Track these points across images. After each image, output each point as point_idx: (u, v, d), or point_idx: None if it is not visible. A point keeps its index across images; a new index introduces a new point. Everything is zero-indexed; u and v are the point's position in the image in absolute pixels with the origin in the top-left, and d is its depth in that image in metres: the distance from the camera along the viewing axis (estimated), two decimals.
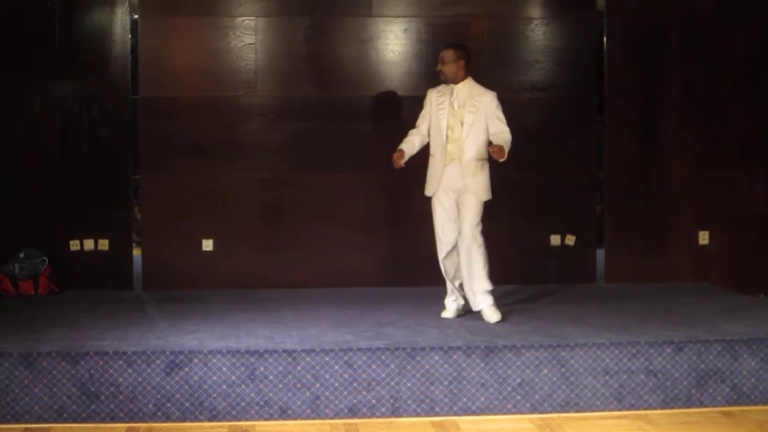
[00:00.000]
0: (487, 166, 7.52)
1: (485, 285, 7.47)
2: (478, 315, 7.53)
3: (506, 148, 7.34)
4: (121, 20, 9.06)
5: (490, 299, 7.49)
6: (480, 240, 7.46)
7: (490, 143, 7.41)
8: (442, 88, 7.61)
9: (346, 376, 6.37)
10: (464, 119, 7.46)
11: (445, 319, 7.56)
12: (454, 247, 7.56)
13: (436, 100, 7.59)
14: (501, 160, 7.35)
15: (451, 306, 7.68)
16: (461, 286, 7.63)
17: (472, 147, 7.46)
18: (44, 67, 8.99)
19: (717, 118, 9.42)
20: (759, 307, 8.05)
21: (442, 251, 7.62)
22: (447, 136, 7.48)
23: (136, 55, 9.15)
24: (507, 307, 7.88)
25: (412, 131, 7.70)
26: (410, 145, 7.66)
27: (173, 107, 9.10)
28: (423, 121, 7.68)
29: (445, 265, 7.65)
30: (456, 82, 7.53)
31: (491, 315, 7.41)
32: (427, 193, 7.64)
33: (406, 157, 7.61)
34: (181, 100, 9.11)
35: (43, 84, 9.00)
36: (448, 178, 7.50)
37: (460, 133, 7.46)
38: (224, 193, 9.14)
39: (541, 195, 9.36)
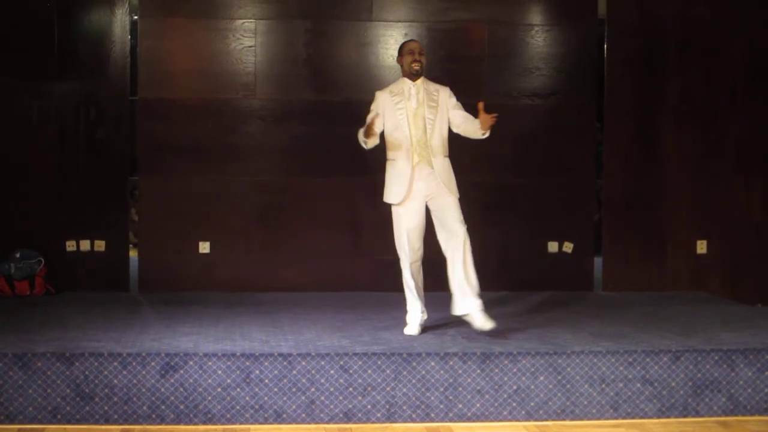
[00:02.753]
0: (449, 162, 7.20)
1: (477, 287, 7.06)
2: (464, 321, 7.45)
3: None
4: (120, 21, 9.05)
5: (480, 303, 7.05)
6: (469, 238, 7.10)
7: (479, 115, 7.03)
8: (394, 88, 7.25)
9: (341, 380, 6.35)
10: (426, 116, 7.12)
11: (409, 335, 7.14)
12: (422, 254, 7.25)
13: (391, 101, 7.16)
14: (485, 132, 7.07)
15: (415, 320, 7.27)
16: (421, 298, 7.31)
17: (438, 144, 7.13)
18: (43, 68, 8.98)
19: (716, 127, 9.43)
20: (756, 317, 8.04)
21: (408, 259, 7.20)
22: (411, 137, 7.10)
23: (135, 56, 9.15)
24: (503, 313, 7.87)
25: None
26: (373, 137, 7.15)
27: (172, 109, 9.09)
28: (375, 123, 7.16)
29: (413, 273, 7.24)
30: (417, 79, 7.21)
31: (485, 322, 6.97)
32: (393, 201, 7.18)
33: (376, 131, 7.08)
34: (179, 102, 9.10)
35: (41, 85, 8.99)
36: (420, 182, 7.11)
37: (424, 131, 7.10)
38: (221, 196, 9.13)
39: (540, 201, 9.34)
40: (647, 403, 6.55)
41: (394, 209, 7.22)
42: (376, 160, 9.14)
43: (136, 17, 9.20)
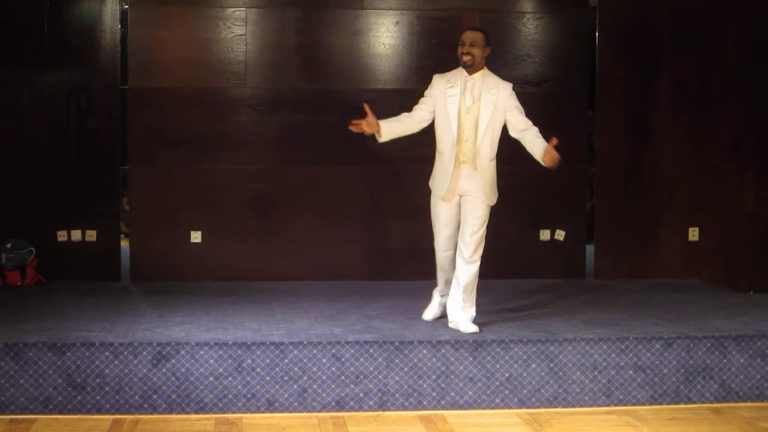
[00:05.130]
0: (495, 164, 6.98)
1: (472, 303, 6.95)
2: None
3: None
4: (110, 10, 9.01)
5: (470, 314, 6.93)
6: (480, 252, 6.91)
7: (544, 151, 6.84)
8: (452, 76, 6.89)
9: (333, 369, 6.35)
10: (480, 116, 6.77)
11: (425, 320, 7.21)
12: (455, 243, 7.00)
13: (445, 90, 6.84)
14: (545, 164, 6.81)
15: (434, 302, 7.27)
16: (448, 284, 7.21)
17: (487, 148, 6.83)
18: (32, 58, 8.93)
19: (709, 115, 9.42)
20: (748, 304, 8.06)
21: (442, 245, 7.07)
22: (458, 135, 6.79)
23: (126, 45, 9.11)
24: (496, 301, 7.88)
25: (403, 113, 6.95)
26: (391, 125, 6.85)
27: (162, 98, 9.06)
28: (422, 108, 6.90)
29: (443, 261, 7.12)
30: (474, 71, 6.85)
31: (469, 326, 6.79)
32: (437, 194, 6.98)
33: (382, 131, 6.76)
34: (170, 91, 9.07)
35: (31, 74, 8.94)
36: (461, 180, 6.85)
37: (474, 132, 6.79)
38: (213, 185, 9.11)
39: (532, 189, 9.33)
40: (639, 390, 6.56)
41: (432, 197, 7.06)
42: (367, 148, 9.16)
43: (126, 6, 9.16)
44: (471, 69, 6.86)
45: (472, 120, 6.83)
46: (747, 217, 8.86)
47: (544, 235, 9.44)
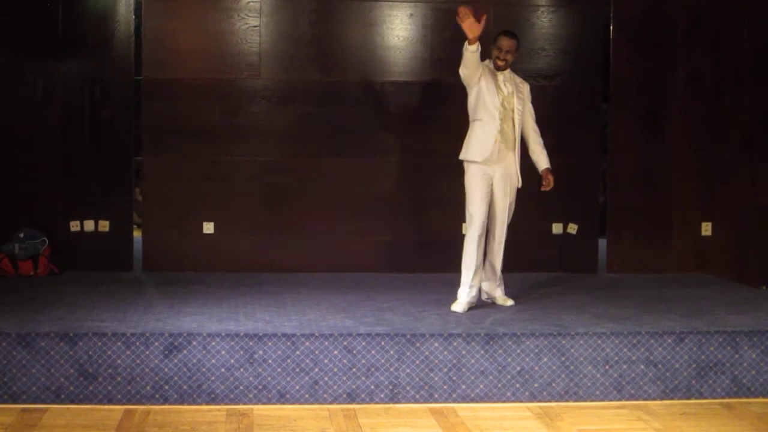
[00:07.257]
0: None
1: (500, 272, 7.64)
2: (479, 302, 7.48)
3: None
4: (125, 1, 9.02)
5: (502, 287, 7.67)
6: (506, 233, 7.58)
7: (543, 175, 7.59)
8: (486, 66, 7.35)
9: (345, 361, 6.35)
10: (515, 106, 7.35)
11: (454, 312, 7.27)
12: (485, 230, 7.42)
13: (488, 73, 7.30)
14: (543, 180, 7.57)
15: (464, 299, 7.35)
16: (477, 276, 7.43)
17: (518, 135, 7.41)
18: (47, 48, 8.95)
19: (722, 109, 9.40)
20: (760, 299, 8.04)
21: (477, 230, 7.31)
22: (499, 121, 7.28)
23: (140, 36, 9.12)
24: (508, 294, 7.87)
25: None
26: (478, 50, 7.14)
27: (176, 89, 9.07)
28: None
29: (477, 248, 7.31)
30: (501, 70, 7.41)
31: (506, 300, 7.59)
32: (476, 158, 7.30)
33: (475, 44, 7.04)
34: (184, 82, 9.08)
35: (45, 64, 8.96)
36: (500, 159, 7.37)
37: (512, 118, 7.34)
38: (226, 176, 9.12)
39: None
40: (651, 385, 6.55)
41: (471, 172, 7.37)
42: (381, 140, 9.16)
43: None
44: (500, 70, 7.40)
45: (509, 109, 7.34)
46: (759, 212, 8.83)
47: (557, 228, 9.44)
